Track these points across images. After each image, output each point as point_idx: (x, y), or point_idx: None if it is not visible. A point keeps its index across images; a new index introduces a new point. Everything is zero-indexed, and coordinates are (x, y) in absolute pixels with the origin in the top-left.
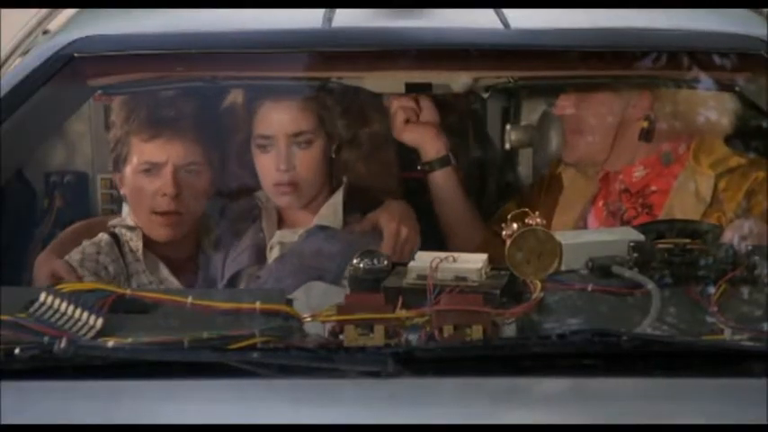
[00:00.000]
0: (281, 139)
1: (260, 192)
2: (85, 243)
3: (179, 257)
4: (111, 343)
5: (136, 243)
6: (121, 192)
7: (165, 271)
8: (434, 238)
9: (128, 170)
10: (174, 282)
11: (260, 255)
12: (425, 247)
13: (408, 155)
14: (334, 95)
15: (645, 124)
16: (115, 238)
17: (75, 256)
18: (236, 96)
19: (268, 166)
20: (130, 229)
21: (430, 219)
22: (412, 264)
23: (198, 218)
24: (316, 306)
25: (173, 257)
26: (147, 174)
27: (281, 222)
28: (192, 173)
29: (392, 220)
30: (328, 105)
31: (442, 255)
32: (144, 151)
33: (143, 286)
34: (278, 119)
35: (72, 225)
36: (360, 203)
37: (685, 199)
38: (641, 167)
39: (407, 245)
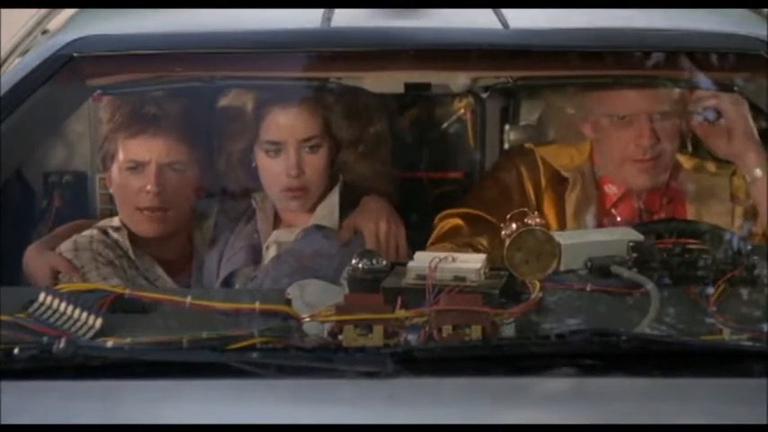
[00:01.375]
0: (291, 145)
1: (256, 192)
2: (76, 236)
3: (172, 257)
4: (110, 343)
5: (124, 242)
6: (110, 190)
7: (159, 269)
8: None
9: (114, 168)
10: (167, 280)
11: (256, 255)
12: (422, 246)
13: (407, 154)
14: (337, 97)
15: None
16: (105, 234)
17: (67, 246)
18: (232, 98)
19: (276, 172)
20: (116, 229)
21: (428, 219)
22: (411, 264)
23: (186, 217)
24: (310, 303)
25: (166, 257)
26: (133, 171)
27: (276, 222)
28: (178, 171)
29: (369, 220)
30: (333, 108)
31: (441, 255)
32: (129, 148)
33: (138, 283)
34: (288, 124)
35: (65, 224)
36: (356, 202)
37: (710, 205)
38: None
39: (391, 239)
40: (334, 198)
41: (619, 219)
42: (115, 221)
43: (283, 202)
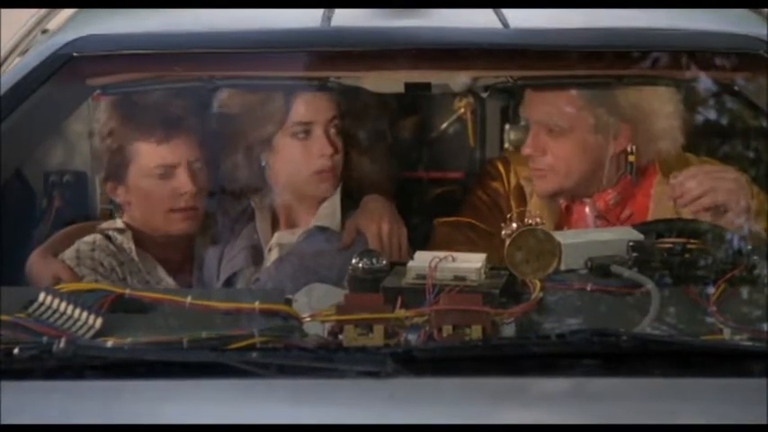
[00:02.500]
0: (320, 125)
1: (256, 192)
2: (79, 242)
3: (175, 259)
4: (110, 343)
5: (128, 244)
6: (117, 199)
7: (161, 271)
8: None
9: (131, 176)
10: (170, 282)
11: (255, 256)
12: (423, 247)
13: (407, 154)
14: (343, 95)
15: (632, 158)
16: (108, 238)
17: (70, 254)
18: (236, 96)
19: (307, 155)
20: (120, 231)
21: (428, 218)
22: (411, 263)
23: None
24: (318, 308)
25: (168, 259)
26: (161, 176)
27: (275, 224)
28: (199, 169)
29: (371, 222)
30: (341, 105)
31: (441, 254)
32: (155, 154)
33: (140, 285)
34: (316, 104)
35: (66, 227)
36: (357, 203)
37: (668, 212)
38: (615, 193)
39: (393, 239)
40: (335, 198)
41: (572, 226)
42: (118, 223)
43: (313, 187)
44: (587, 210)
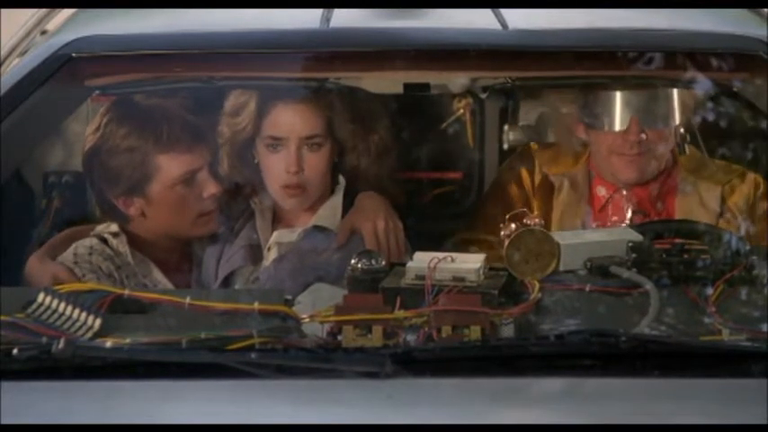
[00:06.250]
0: (292, 142)
1: (255, 192)
2: (77, 244)
3: (172, 260)
4: (109, 343)
5: (123, 248)
6: (130, 211)
7: (157, 273)
8: (433, 238)
9: (157, 187)
10: (166, 283)
11: (254, 255)
12: (424, 247)
13: (406, 154)
14: (339, 98)
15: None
16: (105, 242)
17: (67, 257)
18: (237, 93)
19: (277, 168)
20: (115, 235)
21: (429, 219)
22: (410, 264)
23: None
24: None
25: (166, 261)
26: (187, 182)
27: (275, 223)
28: (216, 169)
29: (366, 219)
30: (336, 108)
31: (440, 255)
32: (181, 162)
33: (137, 288)
34: (291, 121)
35: (63, 230)
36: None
37: (694, 211)
38: (657, 186)
39: (390, 236)
40: (336, 200)
41: (608, 221)
42: (113, 227)
43: (281, 199)
44: (630, 202)
